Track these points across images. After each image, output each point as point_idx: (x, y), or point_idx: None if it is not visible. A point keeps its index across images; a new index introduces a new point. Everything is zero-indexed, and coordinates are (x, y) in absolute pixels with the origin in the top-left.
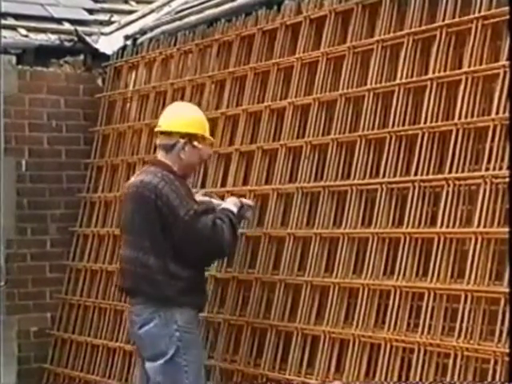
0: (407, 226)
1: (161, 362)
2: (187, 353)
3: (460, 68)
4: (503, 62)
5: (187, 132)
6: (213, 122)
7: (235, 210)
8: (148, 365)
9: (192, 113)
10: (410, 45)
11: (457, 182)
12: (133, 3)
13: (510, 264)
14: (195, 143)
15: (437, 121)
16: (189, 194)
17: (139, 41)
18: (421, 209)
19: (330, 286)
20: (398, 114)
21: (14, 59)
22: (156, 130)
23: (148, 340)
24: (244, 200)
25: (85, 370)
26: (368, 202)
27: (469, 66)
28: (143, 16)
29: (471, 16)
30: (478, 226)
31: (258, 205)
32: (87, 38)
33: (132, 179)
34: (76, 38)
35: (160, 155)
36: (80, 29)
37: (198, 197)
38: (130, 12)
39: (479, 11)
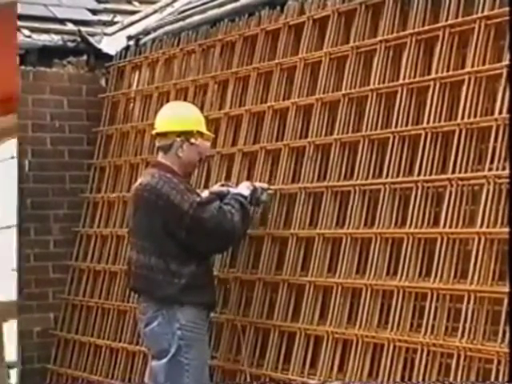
0: (410, 227)
1: (164, 360)
2: (189, 351)
3: (463, 68)
4: (506, 62)
5: (182, 130)
6: (216, 123)
7: (247, 193)
8: (153, 363)
9: (186, 111)
10: (413, 45)
11: (460, 182)
12: (136, 4)
13: (510, 265)
14: (192, 140)
15: (440, 121)
16: (189, 189)
17: (142, 41)
18: (424, 209)
19: (333, 287)
20: (401, 114)
21: (16, 60)
22: (153, 132)
23: (152, 338)
24: (257, 183)
25: (88, 371)
26: (371, 202)
27: (472, 66)
28: (146, 16)
29: (474, 16)
30: (481, 226)
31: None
32: (90, 39)
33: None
34: (79, 39)
35: (160, 156)
36: (83, 29)
37: (216, 188)
38: (133, 12)
39: (482, 11)
